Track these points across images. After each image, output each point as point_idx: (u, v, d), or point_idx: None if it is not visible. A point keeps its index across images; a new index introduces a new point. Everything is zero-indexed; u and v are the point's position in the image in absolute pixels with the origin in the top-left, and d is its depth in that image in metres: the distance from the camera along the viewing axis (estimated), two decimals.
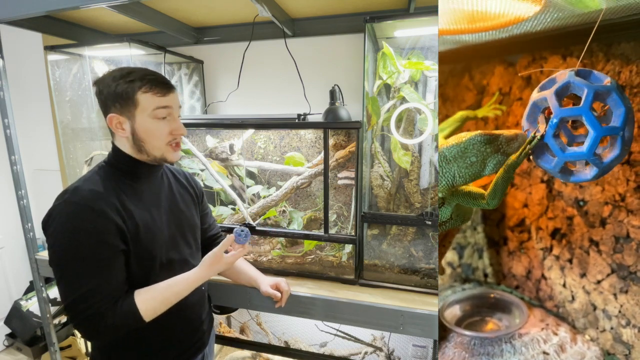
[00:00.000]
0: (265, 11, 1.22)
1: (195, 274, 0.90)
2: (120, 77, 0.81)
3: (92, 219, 0.76)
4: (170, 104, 0.84)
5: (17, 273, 2.46)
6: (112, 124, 0.82)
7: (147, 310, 0.81)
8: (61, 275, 0.76)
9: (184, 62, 1.71)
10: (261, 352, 1.78)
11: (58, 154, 2.25)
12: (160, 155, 0.86)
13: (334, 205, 1.29)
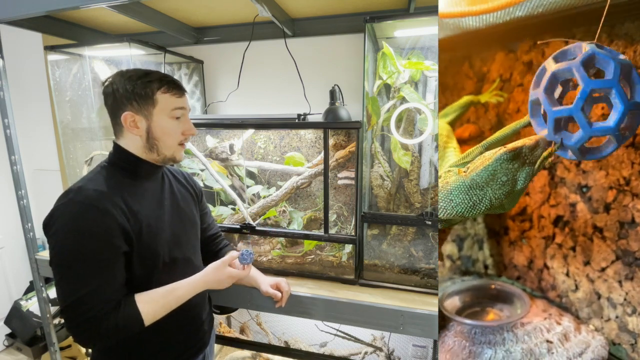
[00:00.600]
0: (265, 11, 1.22)
1: (198, 280, 0.90)
2: (138, 78, 0.83)
3: (96, 219, 0.76)
4: (184, 106, 0.88)
5: (17, 273, 2.46)
6: (126, 121, 0.83)
7: (148, 314, 0.81)
8: (62, 276, 0.76)
9: (184, 62, 1.71)
10: (261, 352, 1.78)
11: (58, 154, 2.25)
12: (171, 154, 0.89)
13: (334, 205, 1.29)
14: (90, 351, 1.96)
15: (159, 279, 0.86)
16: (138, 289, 0.83)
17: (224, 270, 0.93)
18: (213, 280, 0.92)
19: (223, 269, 0.92)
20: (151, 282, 0.85)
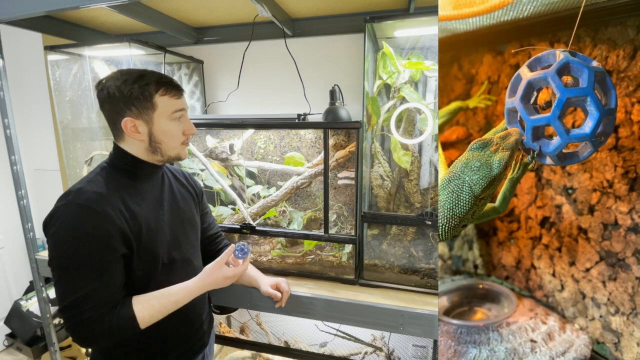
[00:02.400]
0: (265, 11, 1.22)
1: (195, 283, 0.90)
2: (134, 82, 0.80)
3: (95, 222, 0.76)
4: (183, 106, 0.88)
5: (17, 273, 2.46)
6: (126, 127, 0.82)
7: (144, 318, 0.80)
8: (59, 277, 0.76)
9: (184, 62, 1.71)
10: (261, 352, 1.78)
11: (58, 154, 2.25)
12: (176, 154, 0.89)
13: (334, 205, 1.29)
14: (90, 351, 1.97)
15: (159, 280, 0.86)
16: (137, 289, 0.84)
17: (220, 272, 0.92)
18: (209, 283, 0.91)
19: (218, 271, 0.92)
20: (151, 283, 0.85)
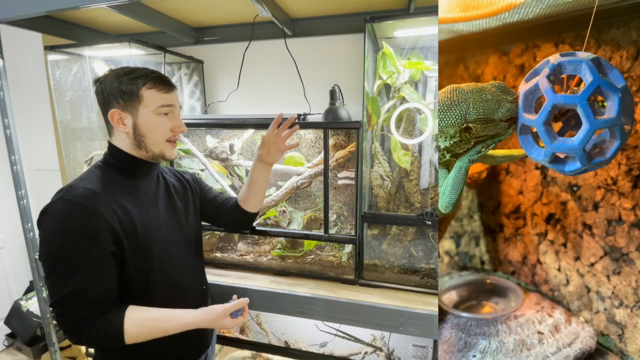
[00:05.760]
0: (265, 11, 1.22)
1: (193, 318, 0.85)
2: (124, 75, 0.83)
3: (83, 219, 0.75)
4: (172, 102, 0.87)
5: (17, 273, 2.45)
6: (113, 119, 0.83)
7: (131, 335, 0.78)
8: (49, 273, 0.76)
9: (184, 62, 1.71)
10: (261, 352, 1.78)
11: (58, 154, 2.25)
12: (159, 151, 0.87)
13: (334, 205, 1.29)
14: (91, 351, 1.97)
15: (155, 280, 0.86)
16: (135, 289, 0.83)
17: (223, 321, 0.87)
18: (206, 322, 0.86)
19: (222, 319, 0.87)
20: (147, 283, 0.85)
